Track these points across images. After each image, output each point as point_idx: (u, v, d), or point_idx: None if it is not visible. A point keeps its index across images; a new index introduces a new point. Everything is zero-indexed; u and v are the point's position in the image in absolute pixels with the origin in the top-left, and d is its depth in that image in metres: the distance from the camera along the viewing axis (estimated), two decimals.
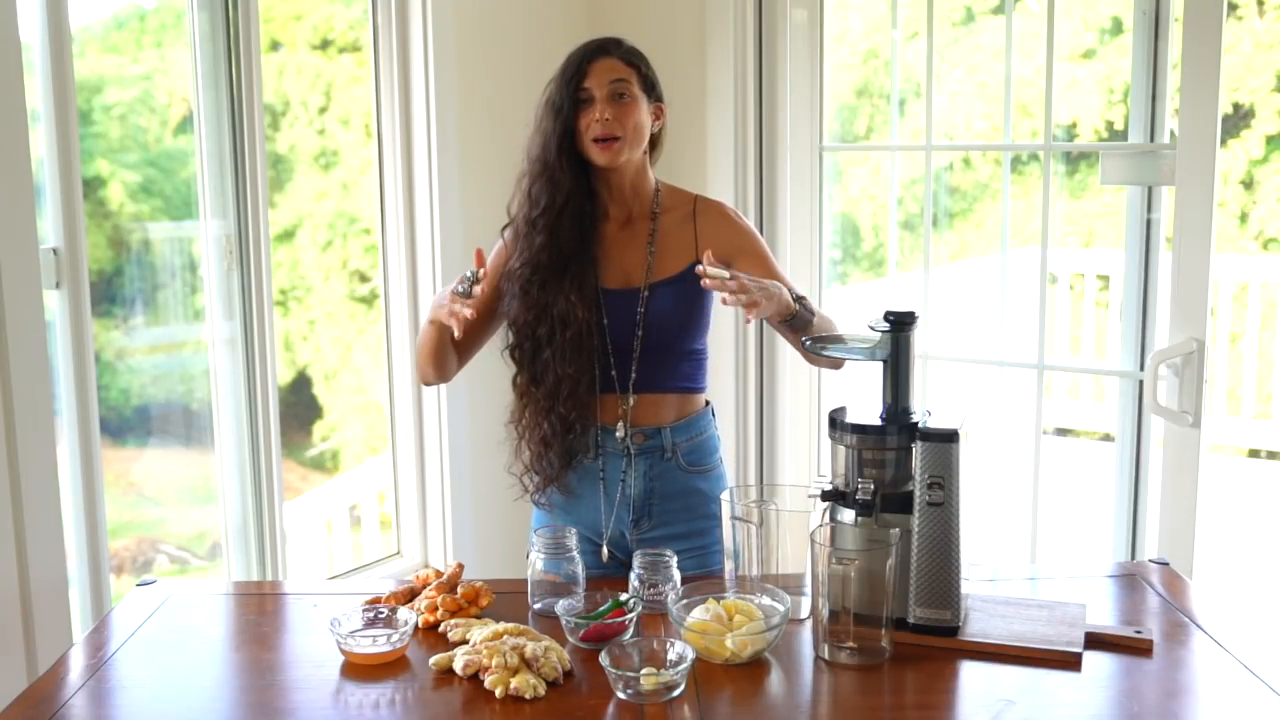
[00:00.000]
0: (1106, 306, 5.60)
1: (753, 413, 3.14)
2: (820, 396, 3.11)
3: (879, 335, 1.69)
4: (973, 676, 1.59)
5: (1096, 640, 1.64)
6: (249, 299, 2.64)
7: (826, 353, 1.83)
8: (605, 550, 2.11)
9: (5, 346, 2.08)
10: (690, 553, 2.03)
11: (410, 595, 1.81)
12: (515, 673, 1.53)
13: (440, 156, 2.89)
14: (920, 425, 1.65)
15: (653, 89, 2.07)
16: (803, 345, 1.88)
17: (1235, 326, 5.57)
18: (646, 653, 1.55)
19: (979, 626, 1.68)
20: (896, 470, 1.67)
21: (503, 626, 1.64)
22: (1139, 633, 1.65)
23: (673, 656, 1.54)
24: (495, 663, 1.54)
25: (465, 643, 1.64)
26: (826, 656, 1.62)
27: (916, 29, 3.06)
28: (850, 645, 1.60)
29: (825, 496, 1.69)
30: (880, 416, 1.68)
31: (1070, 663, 1.60)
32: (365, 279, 3.68)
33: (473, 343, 2.12)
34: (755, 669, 1.60)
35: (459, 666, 1.57)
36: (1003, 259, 3.33)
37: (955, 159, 5.45)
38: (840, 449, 1.69)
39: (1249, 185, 6.16)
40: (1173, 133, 2.61)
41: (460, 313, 1.88)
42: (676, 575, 1.78)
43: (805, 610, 1.73)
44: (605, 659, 1.52)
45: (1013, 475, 3.19)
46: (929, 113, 2.88)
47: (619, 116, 2.00)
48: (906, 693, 1.58)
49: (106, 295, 2.59)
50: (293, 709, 1.55)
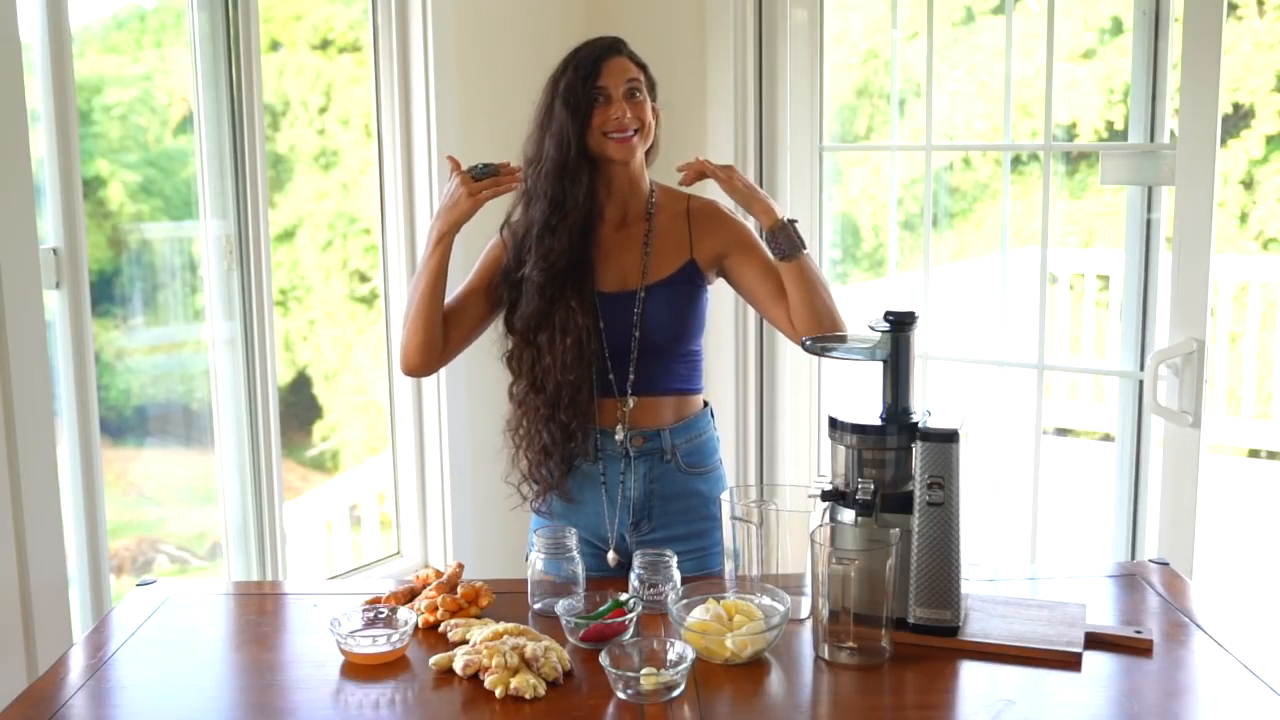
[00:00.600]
0: (1106, 306, 5.60)
1: (752, 413, 3.14)
2: (820, 396, 3.11)
3: (879, 335, 1.69)
4: (973, 676, 1.59)
5: (1096, 640, 1.64)
6: (249, 299, 2.64)
7: (828, 354, 1.83)
8: (612, 555, 2.09)
9: (5, 346, 2.08)
10: (690, 554, 2.02)
11: (410, 595, 1.81)
12: (515, 673, 1.53)
13: (440, 156, 2.89)
14: (920, 425, 1.65)
15: (653, 89, 2.08)
16: (803, 344, 1.88)
17: (1235, 326, 5.57)
18: (646, 653, 1.55)
19: (979, 626, 1.67)
20: (896, 470, 1.67)
21: (503, 626, 1.64)
22: (1139, 633, 1.65)
23: (673, 656, 1.54)
24: (495, 663, 1.54)
25: (465, 643, 1.64)
26: (826, 656, 1.62)
27: (916, 29, 3.06)
28: (850, 645, 1.60)
29: (825, 496, 1.68)
30: (880, 416, 1.68)
31: (1070, 663, 1.59)
32: (365, 279, 3.68)
33: (461, 336, 2.08)
34: (755, 669, 1.60)
35: (459, 666, 1.57)
36: (1003, 259, 3.33)
37: (955, 159, 5.45)
38: (840, 449, 1.69)
39: (1249, 185, 6.16)
40: (1173, 133, 2.61)
41: (482, 194, 1.94)
42: (676, 575, 1.78)
43: (805, 610, 1.73)
44: (605, 659, 1.52)
45: (1013, 475, 3.19)
46: (929, 113, 2.88)
47: (635, 113, 2.02)
48: (906, 693, 1.58)
49: (106, 295, 2.59)
50: (293, 709, 1.55)
